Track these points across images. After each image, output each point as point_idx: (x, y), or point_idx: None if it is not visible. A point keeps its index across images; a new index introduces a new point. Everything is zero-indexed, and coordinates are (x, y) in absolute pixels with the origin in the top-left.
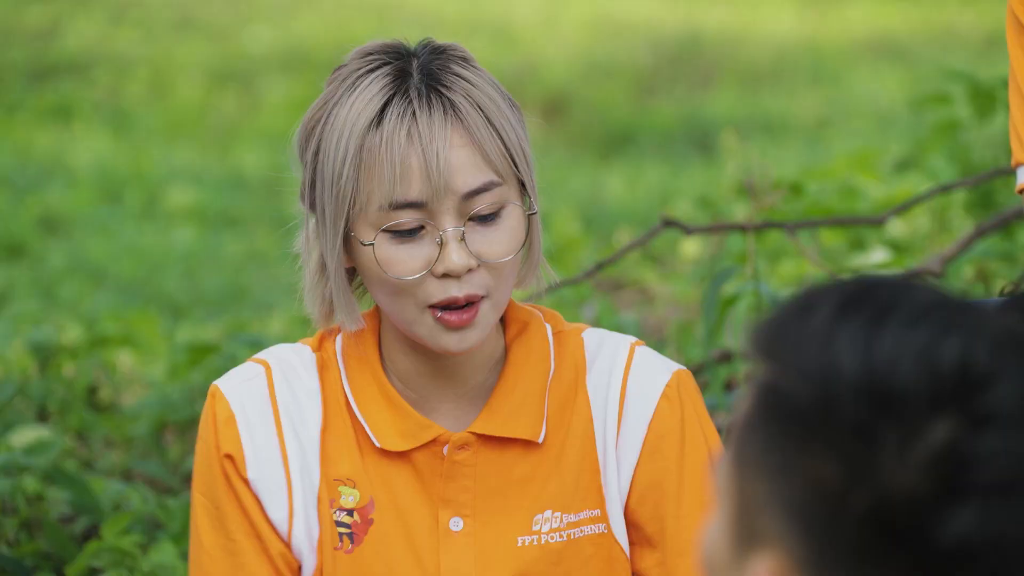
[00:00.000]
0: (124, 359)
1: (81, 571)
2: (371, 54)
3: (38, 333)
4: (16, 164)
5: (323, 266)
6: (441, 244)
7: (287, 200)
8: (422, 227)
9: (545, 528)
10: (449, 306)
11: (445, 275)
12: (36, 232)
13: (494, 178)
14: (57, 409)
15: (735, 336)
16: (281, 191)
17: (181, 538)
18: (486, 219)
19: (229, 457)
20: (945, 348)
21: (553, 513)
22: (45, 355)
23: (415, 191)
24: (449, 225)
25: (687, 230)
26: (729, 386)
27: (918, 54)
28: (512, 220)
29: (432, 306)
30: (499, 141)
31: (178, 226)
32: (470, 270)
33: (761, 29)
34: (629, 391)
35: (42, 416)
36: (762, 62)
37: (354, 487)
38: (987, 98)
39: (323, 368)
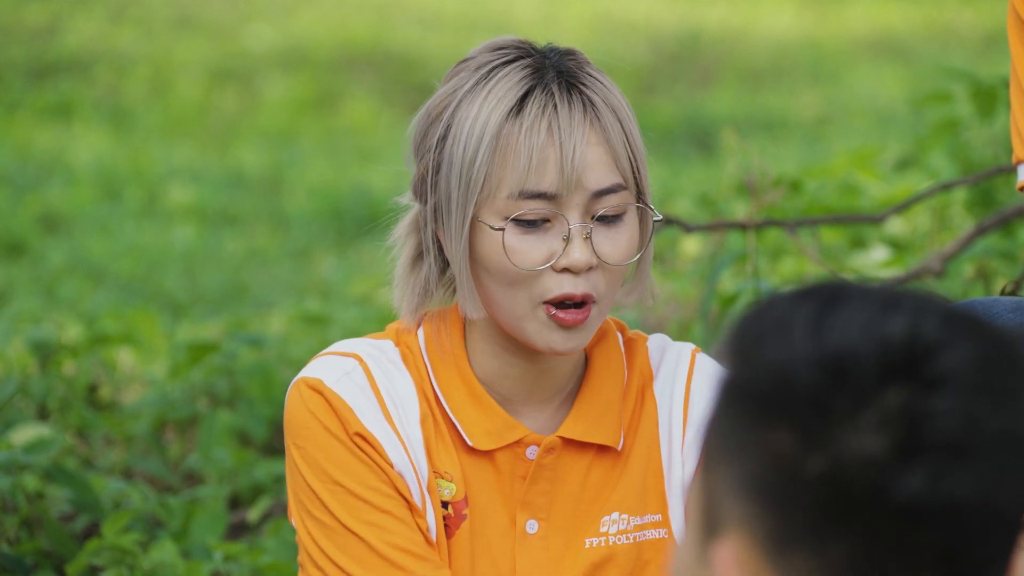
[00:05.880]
0: (124, 357)
1: (81, 569)
2: (502, 48)
3: (38, 331)
4: (16, 162)
5: (419, 256)
6: (567, 239)
7: (287, 198)
8: (547, 220)
9: (613, 530)
10: (564, 304)
11: (565, 270)
12: (36, 230)
13: (621, 181)
14: (57, 407)
15: None
16: (281, 189)
17: (181, 536)
18: (609, 221)
19: (363, 438)
20: (894, 321)
21: (620, 515)
22: (45, 353)
23: (548, 182)
24: (576, 221)
25: (687, 228)
26: None
27: (918, 52)
28: (633, 225)
29: (547, 302)
30: (628, 146)
31: (178, 224)
32: (590, 269)
33: (761, 27)
34: (693, 394)
35: (42, 414)
36: (762, 60)
37: (451, 481)
38: (988, 96)
39: (407, 362)
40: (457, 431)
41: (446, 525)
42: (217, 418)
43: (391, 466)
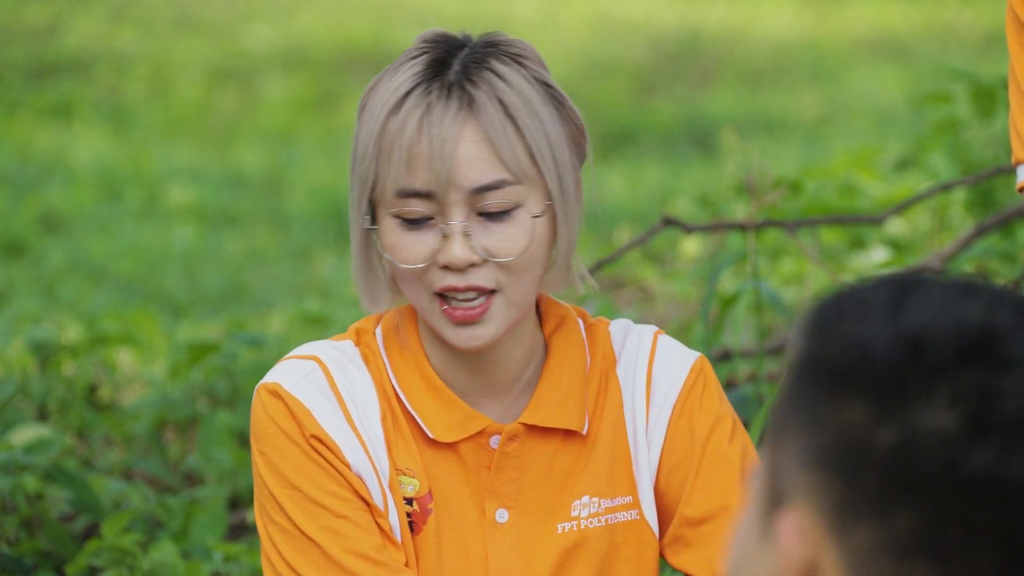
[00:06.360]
0: (124, 358)
1: (81, 570)
2: (427, 41)
3: (38, 332)
4: (16, 162)
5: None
6: (446, 236)
7: (287, 198)
8: (431, 217)
9: (584, 514)
10: (452, 297)
11: (447, 267)
12: (36, 231)
13: (507, 177)
14: (57, 408)
15: (735, 335)
16: (281, 189)
17: (181, 537)
18: (497, 216)
19: (319, 440)
20: (970, 306)
21: (591, 499)
22: (45, 354)
23: (420, 181)
24: (455, 218)
25: (687, 229)
26: (729, 385)
27: (918, 53)
28: (526, 220)
29: (436, 294)
30: (520, 141)
31: (178, 224)
32: (474, 265)
33: (761, 27)
34: (655, 376)
35: (42, 415)
36: (762, 60)
37: (414, 477)
38: (988, 97)
39: (367, 361)
40: (418, 426)
41: (412, 522)
42: (217, 418)
43: (349, 467)
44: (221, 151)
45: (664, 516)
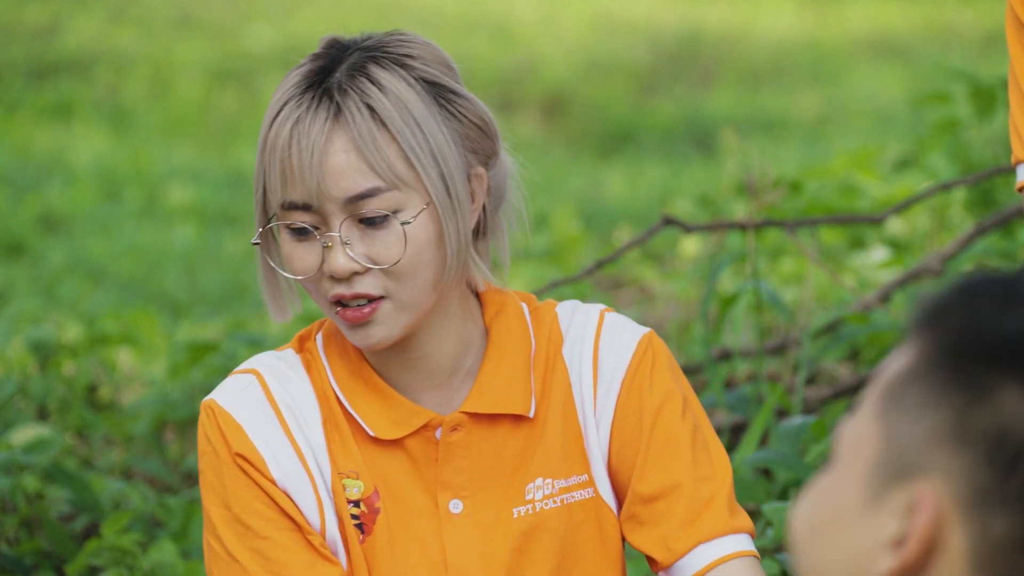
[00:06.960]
0: (124, 358)
1: (81, 569)
2: (320, 48)
3: (38, 331)
4: (16, 162)
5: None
6: (326, 247)
7: None
8: (317, 227)
9: (539, 496)
10: (345, 303)
11: (332, 276)
12: (36, 230)
13: (380, 184)
14: (57, 407)
15: (735, 335)
16: None
17: (181, 536)
18: (376, 223)
19: (243, 458)
20: None
21: (544, 480)
22: (45, 353)
23: (297, 193)
24: (335, 229)
25: (687, 228)
26: (729, 385)
27: (918, 53)
28: (406, 225)
29: (330, 301)
30: (393, 147)
31: (178, 224)
32: (358, 273)
33: (761, 27)
34: (601, 354)
35: (42, 414)
36: (762, 60)
37: (357, 478)
38: (987, 97)
39: (309, 367)
40: (360, 428)
41: (362, 524)
42: None
43: (273, 483)
44: (221, 151)
45: (620, 493)
